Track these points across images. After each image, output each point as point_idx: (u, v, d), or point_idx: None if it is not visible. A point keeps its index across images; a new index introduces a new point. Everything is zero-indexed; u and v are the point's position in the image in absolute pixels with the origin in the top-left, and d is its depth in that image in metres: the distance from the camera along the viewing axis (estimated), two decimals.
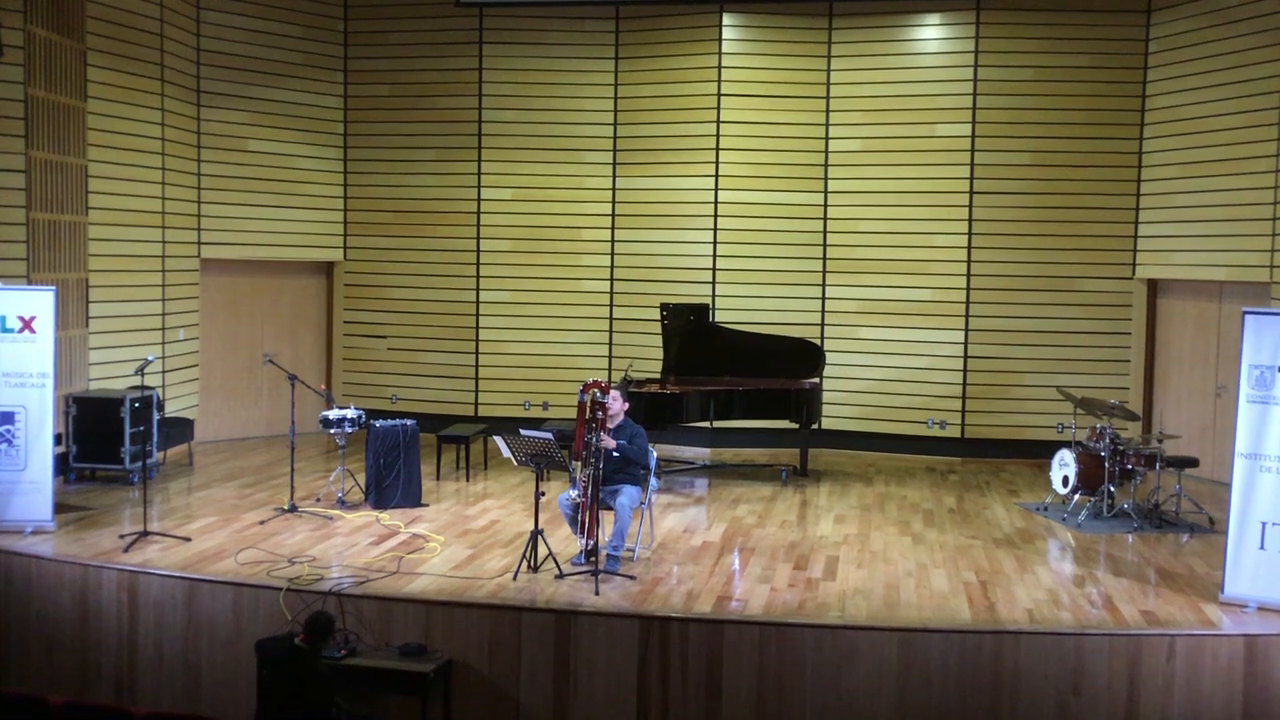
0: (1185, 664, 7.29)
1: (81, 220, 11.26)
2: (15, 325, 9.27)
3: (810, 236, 13.50)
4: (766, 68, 13.44)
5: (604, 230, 13.90)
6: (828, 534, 9.78)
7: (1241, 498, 7.97)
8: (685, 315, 12.09)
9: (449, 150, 14.08)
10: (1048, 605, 7.87)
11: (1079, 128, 12.89)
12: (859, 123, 13.36)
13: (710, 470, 12.53)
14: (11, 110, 10.43)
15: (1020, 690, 7.31)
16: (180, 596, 8.11)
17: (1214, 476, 11.35)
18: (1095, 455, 10.30)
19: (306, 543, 9.09)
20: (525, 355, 13.99)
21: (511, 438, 8.57)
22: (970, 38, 13.08)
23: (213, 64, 13.10)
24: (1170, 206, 12.43)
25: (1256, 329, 8.00)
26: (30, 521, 9.14)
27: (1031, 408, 13.04)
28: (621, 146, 13.83)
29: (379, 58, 14.13)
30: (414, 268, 14.19)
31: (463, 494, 11.03)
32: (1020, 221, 13.04)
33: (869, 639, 7.40)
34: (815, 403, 11.99)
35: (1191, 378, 12.30)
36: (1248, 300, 10.97)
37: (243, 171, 13.37)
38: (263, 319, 13.90)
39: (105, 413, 10.77)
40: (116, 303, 11.80)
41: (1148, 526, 9.96)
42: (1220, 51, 11.77)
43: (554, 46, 13.86)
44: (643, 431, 8.84)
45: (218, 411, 13.45)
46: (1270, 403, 7.92)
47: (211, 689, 8.03)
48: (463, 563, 8.64)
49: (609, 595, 7.92)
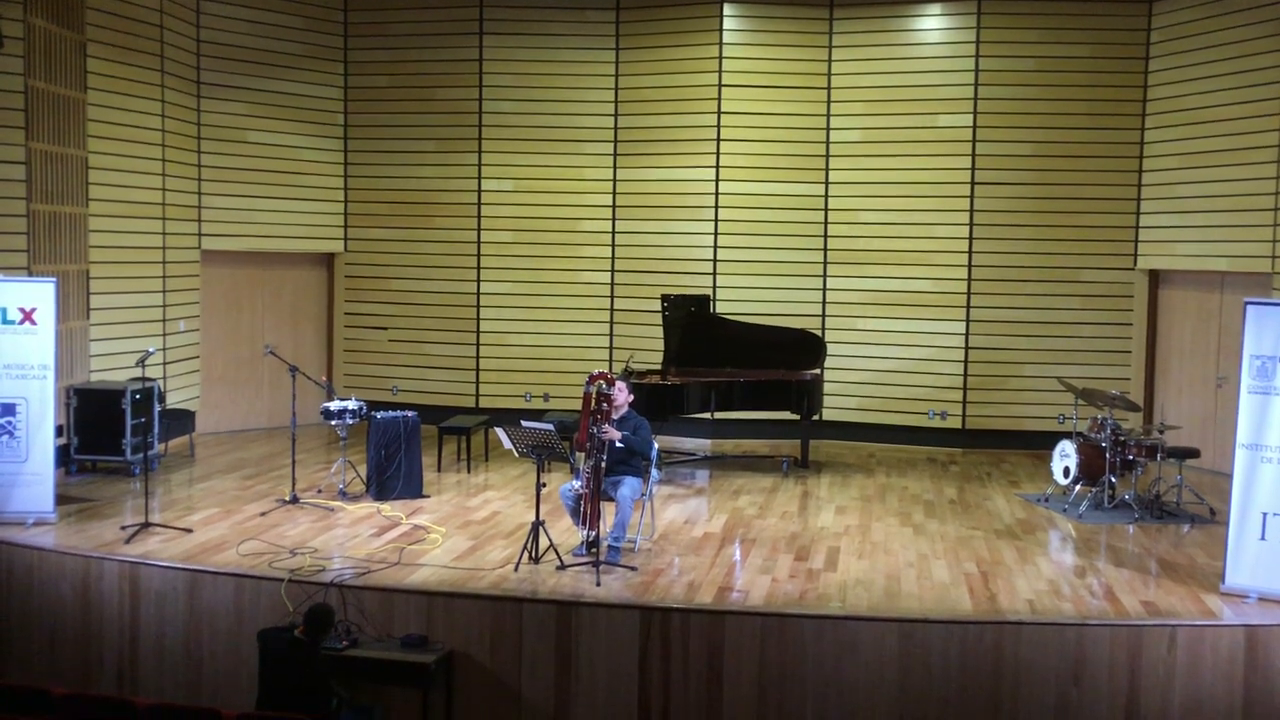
0: (1186, 654, 7.29)
1: (82, 212, 11.25)
2: (16, 317, 9.27)
3: (811, 227, 13.49)
4: (767, 58, 13.41)
5: (605, 221, 13.88)
6: (829, 525, 9.79)
7: (1242, 488, 7.98)
8: (686, 306, 12.08)
9: (449, 141, 14.06)
10: (1049, 596, 7.88)
11: (1080, 118, 12.88)
12: (860, 113, 13.34)
13: (711, 461, 12.53)
14: (11, 102, 10.42)
15: (1021, 681, 7.32)
16: (182, 588, 8.11)
17: (1215, 467, 11.35)
18: (1096, 446, 10.30)
19: (308, 534, 9.10)
20: (526, 346, 13.99)
21: (512, 429, 8.57)
22: (971, 28, 13.05)
23: (213, 55, 13.08)
24: (1172, 197, 12.42)
25: (1258, 319, 8.00)
26: (32, 513, 9.16)
27: (1032, 398, 13.05)
28: (622, 137, 13.81)
29: (379, 49, 14.11)
30: (415, 259, 14.19)
31: (464, 485, 11.04)
32: (1021, 212, 13.04)
33: (870, 630, 7.41)
34: (816, 394, 11.99)
35: (1193, 368, 12.30)
36: (1249, 291, 10.98)
37: (243, 163, 13.36)
38: (263, 310, 13.90)
39: (106, 404, 10.77)
40: (117, 294, 11.80)
41: (1148, 517, 9.97)
42: (1222, 42, 11.76)
43: (555, 37, 13.83)
44: (646, 423, 8.85)
45: (219, 403, 13.46)
46: (1271, 393, 7.92)
47: (213, 680, 8.05)
48: (464, 554, 8.65)
49: (610, 586, 7.93)
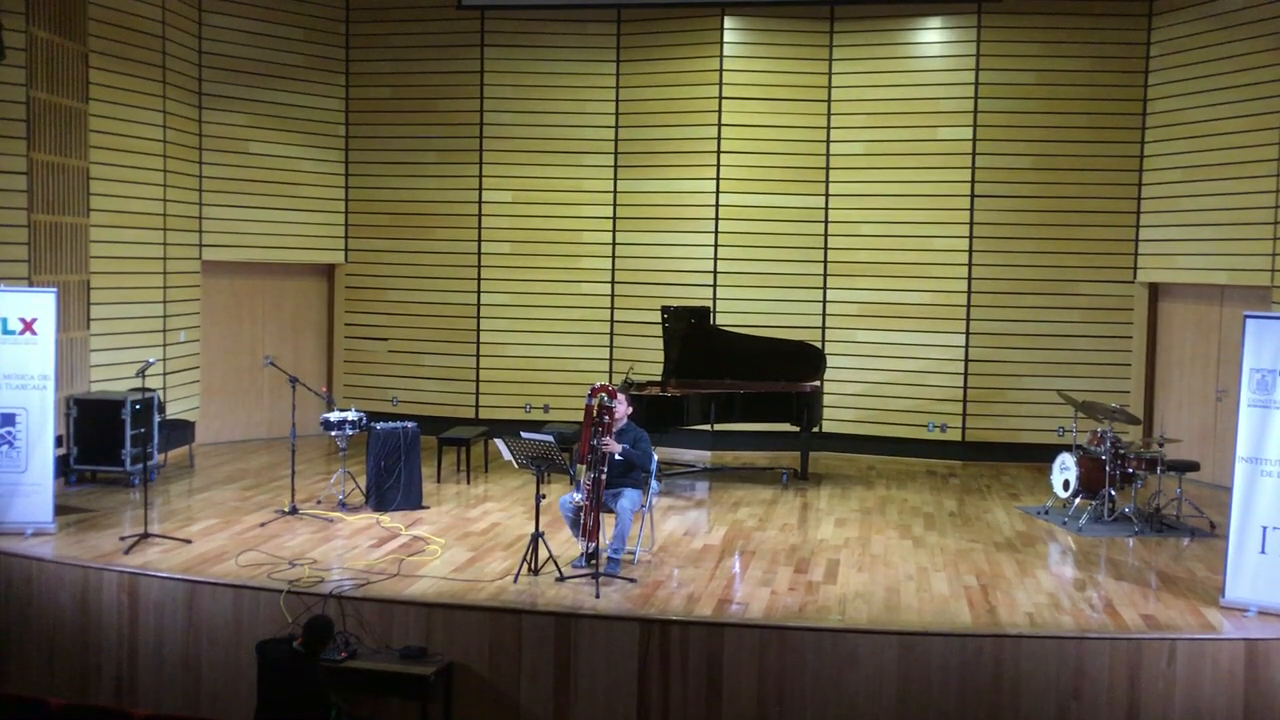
0: (1186, 668, 7.28)
1: (83, 222, 11.26)
2: (16, 327, 9.27)
3: (811, 239, 13.50)
4: (768, 70, 13.44)
5: (605, 233, 13.90)
6: (828, 537, 9.78)
7: (1242, 502, 7.97)
8: (686, 318, 12.09)
9: (450, 153, 14.09)
10: (1048, 609, 7.87)
11: (1080, 131, 12.89)
12: (860, 125, 13.36)
13: (711, 473, 12.52)
14: (13, 112, 10.43)
15: (1021, 694, 7.31)
16: (181, 598, 8.11)
17: (1215, 480, 11.35)
18: (1096, 459, 10.29)
19: (307, 545, 9.09)
20: (526, 358, 13.99)
21: (512, 440, 8.56)
22: (972, 41, 13.08)
23: (214, 66, 13.11)
24: (1171, 210, 12.43)
25: (1257, 333, 8.00)
26: (31, 523, 9.15)
27: (1032, 411, 13.04)
28: (623, 149, 13.83)
29: (381, 60, 14.14)
30: (415, 270, 14.20)
31: (463, 496, 11.03)
32: (1021, 225, 13.04)
33: (869, 642, 7.40)
34: (816, 406, 11.99)
35: (1192, 381, 12.30)
36: (1249, 304, 10.99)
37: (244, 174, 13.38)
38: (264, 321, 13.91)
39: (106, 415, 10.76)
40: (118, 304, 11.80)
41: (1148, 530, 9.96)
42: (1221, 55, 11.78)
43: (556, 49, 13.86)
44: (646, 435, 8.85)
45: (219, 413, 13.45)
46: (1271, 407, 7.91)
47: (211, 691, 8.03)
48: (463, 565, 8.64)
49: (610, 598, 7.92)
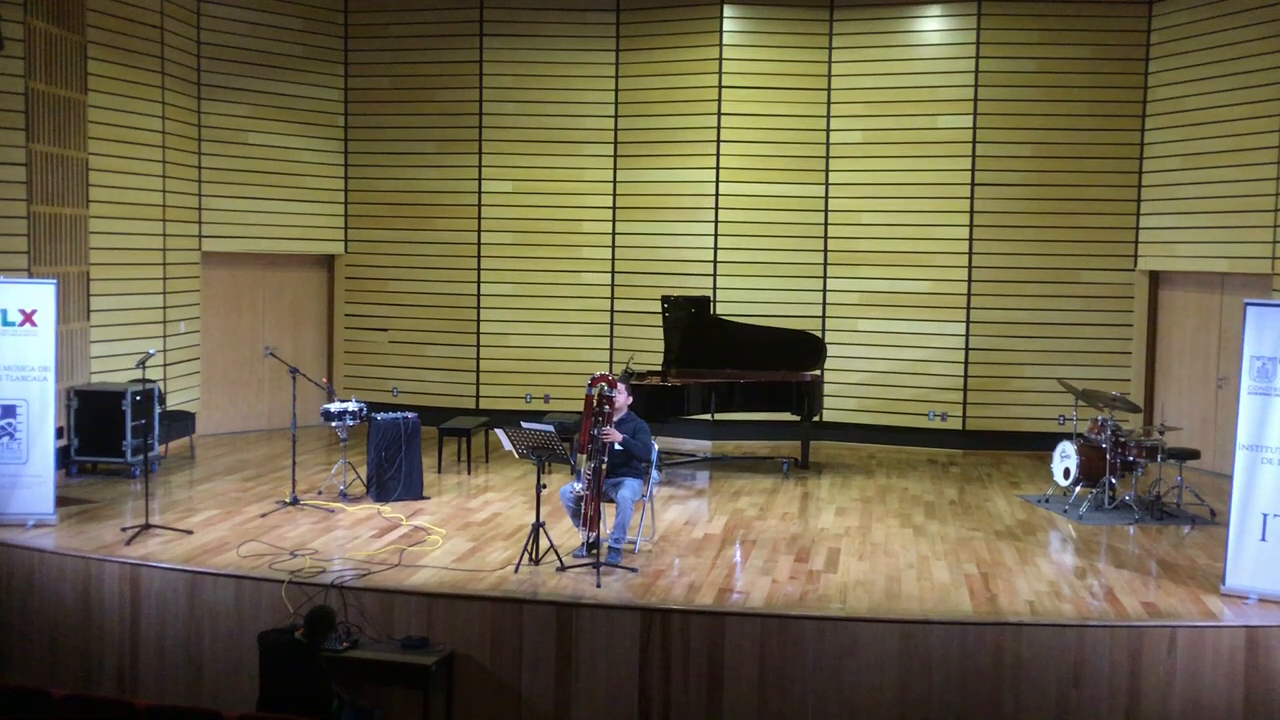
0: (1186, 656, 7.30)
1: (82, 213, 11.25)
2: (16, 318, 9.27)
3: (811, 229, 13.49)
4: (767, 60, 13.41)
5: (605, 223, 13.88)
6: (829, 526, 9.79)
7: (1243, 489, 7.98)
8: (686, 307, 12.09)
9: (450, 143, 14.06)
10: (1049, 597, 7.88)
11: (1080, 119, 12.88)
12: (860, 115, 13.34)
13: (711, 462, 12.53)
14: (12, 103, 10.42)
15: (1021, 682, 7.32)
16: (182, 589, 8.11)
17: (1215, 468, 11.35)
18: (1096, 447, 10.30)
19: (308, 535, 9.10)
20: (526, 348, 13.99)
21: (513, 430, 8.56)
22: (971, 29, 13.05)
23: (213, 57, 13.09)
24: (1172, 198, 12.42)
25: (1258, 320, 8.00)
26: (32, 515, 9.15)
27: (1033, 399, 13.05)
28: (622, 139, 13.81)
29: (380, 50, 14.11)
30: (415, 260, 14.19)
31: (464, 487, 11.04)
32: (1022, 213, 13.03)
33: (870, 631, 7.41)
34: (816, 395, 11.99)
35: (1193, 369, 12.30)
36: (1249, 292, 10.99)
37: (243, 164, 13.36)
38: (264, 312, 13.90)
39: (107, 406, 10.77)
40: (118, 296, 11.80)
41: (1149, 518, 9.97)
42: (1222, 43, 11.76)
43: (555, 39, 13.83)
44: (645, 425, 8.85)
45: (219, 404, 13.46)
46: (1271, 394, 7.91)
47: (213, 681, 8.04)
48: (464, 555, 8.65)
49: (611, 587, 7.93)
